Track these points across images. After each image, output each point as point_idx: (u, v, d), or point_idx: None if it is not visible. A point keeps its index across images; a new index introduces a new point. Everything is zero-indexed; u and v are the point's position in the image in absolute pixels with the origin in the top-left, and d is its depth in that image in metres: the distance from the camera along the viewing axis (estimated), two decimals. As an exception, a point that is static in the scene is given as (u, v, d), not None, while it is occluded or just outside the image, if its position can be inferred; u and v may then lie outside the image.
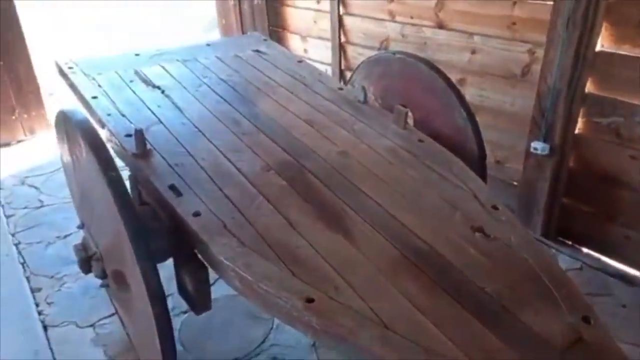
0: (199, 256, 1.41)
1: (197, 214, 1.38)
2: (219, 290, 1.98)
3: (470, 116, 1.90)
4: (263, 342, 1.87)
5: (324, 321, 1.10)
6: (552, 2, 2.12)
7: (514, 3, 2.36)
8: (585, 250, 2.37)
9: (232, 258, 1.24)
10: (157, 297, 1.25)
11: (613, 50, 2.07)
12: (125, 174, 1.67)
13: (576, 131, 2.24)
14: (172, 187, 1.48)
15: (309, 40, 3.62)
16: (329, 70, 3.41)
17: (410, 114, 1.99)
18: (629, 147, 2.10)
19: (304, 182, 1.56)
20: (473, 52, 2.59)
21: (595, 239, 2.33)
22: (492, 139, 2.51)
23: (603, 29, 2.05)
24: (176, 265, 1.53)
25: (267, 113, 1.99)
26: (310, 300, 1.14)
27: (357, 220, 1.41)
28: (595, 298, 2.06)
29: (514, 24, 2.39)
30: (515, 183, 2.58)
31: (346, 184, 1.56)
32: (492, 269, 1.26)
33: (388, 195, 1.52)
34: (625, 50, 2.04)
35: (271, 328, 1.92)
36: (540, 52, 2.26)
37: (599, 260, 2.29)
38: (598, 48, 2.08)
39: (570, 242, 2.43)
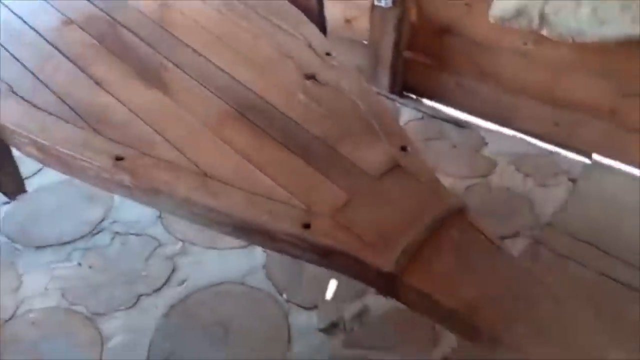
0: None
1: (-28, 77, 1.14)
2: (49, 176, 1.79)
3: (308, -36, 1.76)
4: (102, 221, 1.75)
5: (137, 178, 1.01)
6: None
7: None
8: (425, 101, 2.51)
9: (21, 124, 1.06)
10: None
11: None
12: None
13: (417, -21, 2.23)
14: (-63, 48, 1.20)
15: None
16: None
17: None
18: (462, -7, 2.15)
19: (116, 38, 1.36)
20: None
21: (433, 89, 2.45)
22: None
23: None
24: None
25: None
26: (120, 159, 1.03)
27: (180, 76, 1.27)
28: (431, 142, 2.23)
29: None
30: (365, 42, 2.56)
31: (168, 39, 1.39)
32: (321, 113, 1.24)
33: (216, 48, 1.38)
34: None
35: (111, 207, 1.80)
36: None
37: (436, 109, 2.44)
38: None
39: (414, 96, 2.55)
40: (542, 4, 1.81)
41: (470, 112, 2.37)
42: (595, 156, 2.11)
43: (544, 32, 1.83)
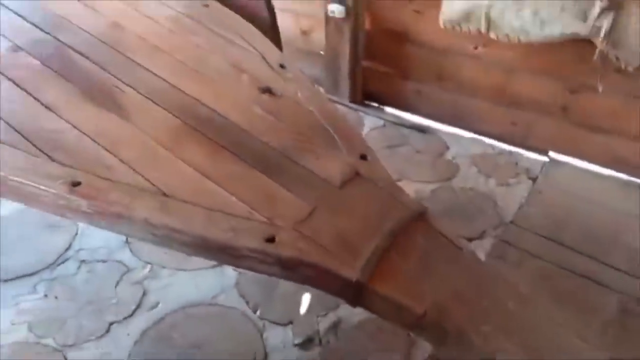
0: None
1: None
2: (6, 207, 1.75)
3: (261, -21, 1.78)
4: (67, 249, 1.71)
5: (96, 202, 0.99)
6: None
7: None
8: (387, 109, 2.55)
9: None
10: None
11: None
12: None
13: (367, -11, 2.27)
14: None
15: None
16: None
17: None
18: (412, 1, 2.20)
19: (65, 60, 1.34)
20: None
21: (393, 96, 2.50)
22: (296, 9, 2.45)
23: None
24: None
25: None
26: (76, 184, 1.01)
27: (132, 96, 1.26)
28: (395, 149, 2.26)
29: None
30: (322, 53, 2.59)
31: (119, 59, 1.38)
32: (278, 125, 1.24)
33: (168, 66, 1.38)
34: None
35: (75, 234, 1.75)
36: None
37: (398, 116, 2.48)
38: None
39: (376, 104, 2.59)
40: (488, 7, 1.88)
41: (431, 118, 2.42)
42: (551, 153, 2.18)
43: (492, 34, 1.90)
